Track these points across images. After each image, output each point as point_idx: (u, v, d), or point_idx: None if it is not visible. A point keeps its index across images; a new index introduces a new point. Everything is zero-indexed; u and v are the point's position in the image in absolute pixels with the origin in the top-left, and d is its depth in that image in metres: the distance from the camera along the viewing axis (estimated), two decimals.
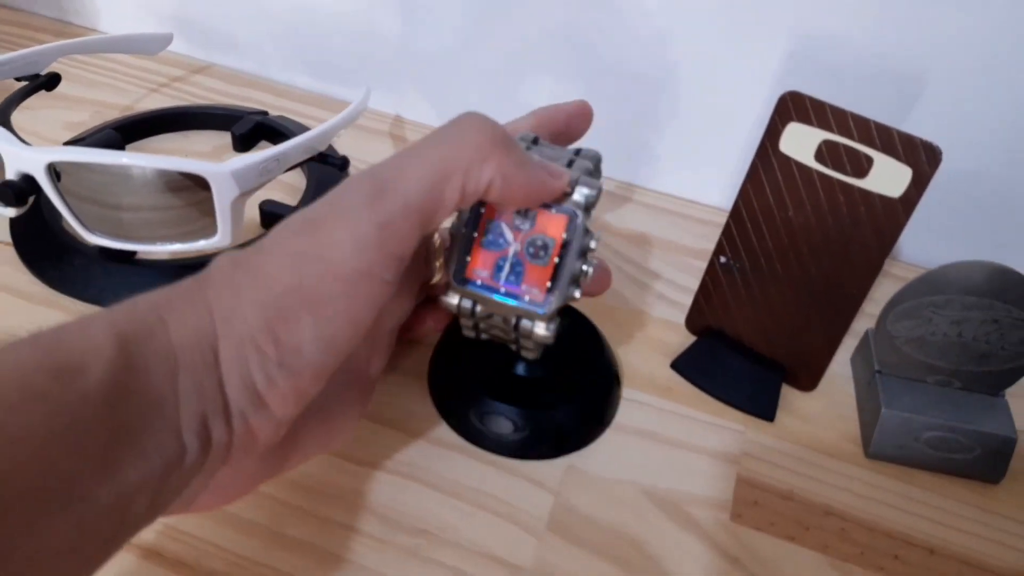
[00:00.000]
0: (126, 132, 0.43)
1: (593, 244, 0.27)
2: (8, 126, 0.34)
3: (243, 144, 0.44)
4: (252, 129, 0.44)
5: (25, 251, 0.37)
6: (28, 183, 0.31)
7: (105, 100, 0.47)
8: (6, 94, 0.38)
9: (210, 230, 0.32)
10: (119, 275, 0.35)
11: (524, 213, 0.27)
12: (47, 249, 0.36)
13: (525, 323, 0.27)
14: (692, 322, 0.37)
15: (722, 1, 0.39)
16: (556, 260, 0.27)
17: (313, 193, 0.41)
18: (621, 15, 0.41)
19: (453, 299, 0.28)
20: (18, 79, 0.39)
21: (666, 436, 0.33)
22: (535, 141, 0.29)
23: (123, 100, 0.47)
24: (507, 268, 0.27)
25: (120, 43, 0.44)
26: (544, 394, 0.32)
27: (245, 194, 0.32)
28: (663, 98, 0.43)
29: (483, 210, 0.27)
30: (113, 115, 0.46)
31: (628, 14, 0.41)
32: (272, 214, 0.39)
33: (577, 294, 0.27)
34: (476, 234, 0.27)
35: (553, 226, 0.27)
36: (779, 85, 0.39)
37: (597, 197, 0.27)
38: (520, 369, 0.32)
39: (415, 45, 0.47)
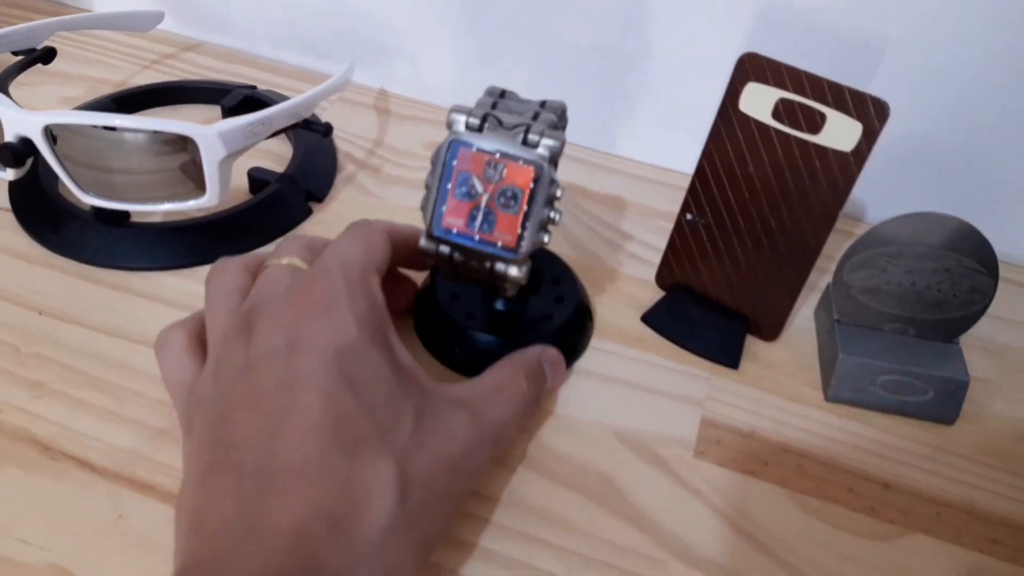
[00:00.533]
0: (120, 105, 0.44)
1: (559, 193, 0.29)
2: (7, 93, 0.35)
3: (232, 116, 0.46)
4: (241, 102, 0.45)
5: (23, 215, 0.38)
6: (26, 145, 0.32)
7: (98, 76, 0.49)
8: (1, 68, 0.39)
9: (199, 190, 0.34)
10: (113, 237, 0.37)
11: (494, 166, 0.29)
12: (44, 213, 0.38)
13: (499, 266, 0.30)
14: (661, 278, 0.39)
15: None
16: (525, 208, 0.29)
17: (300, 160, 0.42)
18: None
19: (431, 246, 0.30)
20: (14, 53, 0.40)
21: (636, 382, 0.34)
22: (502, 95, 0.31)
23: (116, 76, 0.49)
24: (480, 217, 0.29)
25: (113, 20, 0.46)
26: (523, 326, 0.34)
27: (232, 155, 0.34)
28: (634, 70, 0.45)
29: (455, 163, 0.29)
30: (107, 90, 0.47)
31: None
32: (259, 180, 0.41)
33: (546, 239, 0.30)
34: (450, 185, 0.29)
35: (521, 177, 0.29)
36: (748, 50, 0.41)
37: (561, 148, 0.29)
38: (499, 305, 0.34)
39: (397, 21, 0.48)
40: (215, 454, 0.22)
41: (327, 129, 0.40)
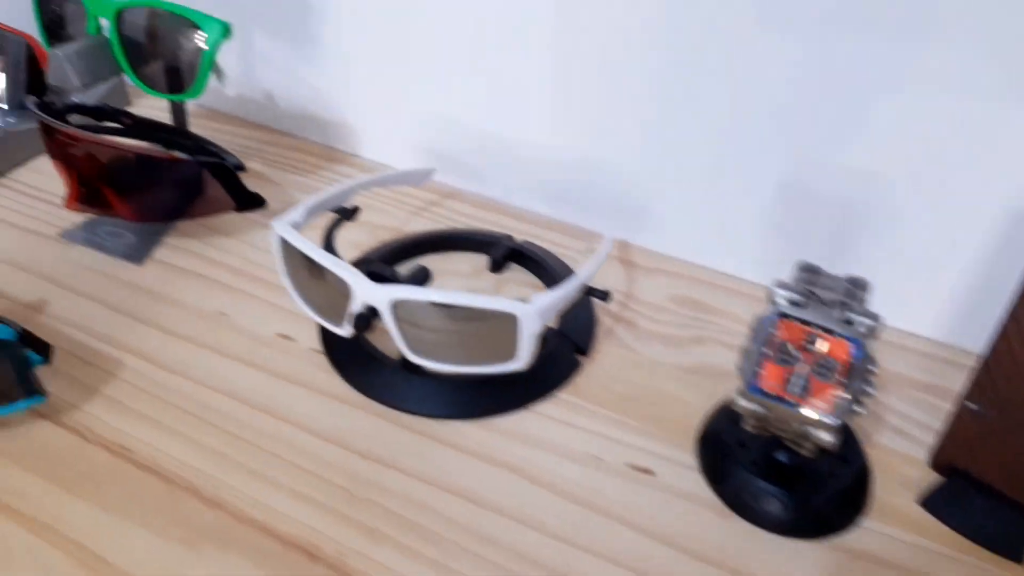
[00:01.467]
0: (401, 252, 0.50)
1: (875, 369, 0.32)
2: (335, 252, 0.41)
3: (496, 266, 0.50)
4: (506, 254, 0.50)
5: (336, 358, 0.43)
6: (372, 312, 0.37)
7: (376, 222, 0.55)
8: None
9: (510, 356, 0.38)
10: (417, 384, 0.42)
11: (813, 338, 0.33)
12: (356, 358, 0.43)
13: (811, 430, 0.33)
14: (936, 460, 0.39)
15: (965, 107, 0.41)
16: (842, 380, 0.32)
17: (568, 314, 0.46)
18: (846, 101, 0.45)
19: (746, 404, 0.34)
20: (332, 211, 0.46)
21: (914, 569, 0.35)
22: (814, 270, 0.34)
23: (391, 222, 0.55)
24: (796, 383, 0.33)
25: (401, 177, 0.52)
26: (806, 480, 0.37)
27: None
28: (871, 224, 0.47)
29: (776, 331, 0.33)
30: (384, 235, 0.53)
31: (855, 101, 0.45)
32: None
33: (861, 411, 0.33)
34: (769, 351, 0.33)
35: (839, 350, 0.32)
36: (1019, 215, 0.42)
37: (877, 327, 0.32)
38: (782, 456, 0.37)
39: (641, 175, 0.52)
40: None
41: (606, 295, 0.43)
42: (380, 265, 0.42)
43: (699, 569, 0.35)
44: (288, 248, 0.40)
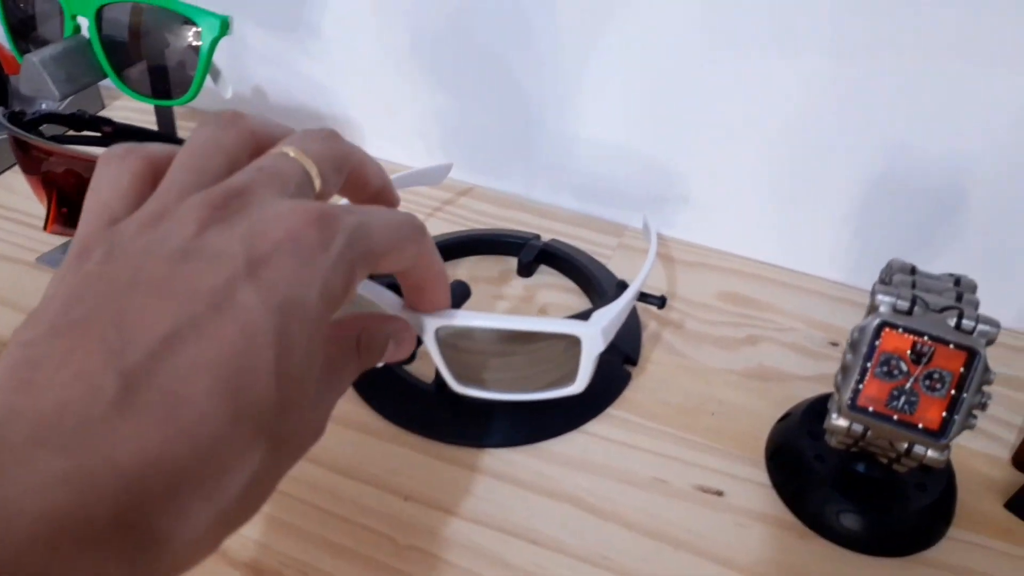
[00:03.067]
0: None
1: (992, 378, 0.29)
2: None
3: (526, 270, 0.46)
4: (537, 255, 0.46)
5: (364, 389, 0.39)
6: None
7: None
8: None
9: (569, 379, 0.34)
10: (458, 411, 0.38)
11: (922, 348, 0.29)
12: (388, 387, 0.39)
13: (918, 448, 0.30)
14: (1019, 460, 0.36)
15: None
16: (954, 393, 0.29)
17: None
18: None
19: (844, 423, 0.31)
20: None
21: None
22: (913, 270, 0.31)
23: None
24: (902, 398, 0.29)
25: (417, 177, 0.48)
26: (889, 493, 0.34)
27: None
28: (943, 210, 0.43)
29: (879, 343, 0.29)
30: None
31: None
32: None
33: (975, 424, 0.30)
34: (871, 364, 0.30)
35: (952, 361, 0.29)
36: None
37: (996, 335, 0.29)
38: (861, 467, 0.34)
39: (673, 164, 0.48)
40: (93, 314, 0.17)
41: (662, 301, 0.39)
42: None
43: None
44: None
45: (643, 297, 0.39)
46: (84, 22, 0.42)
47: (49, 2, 0.44)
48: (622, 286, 0.40)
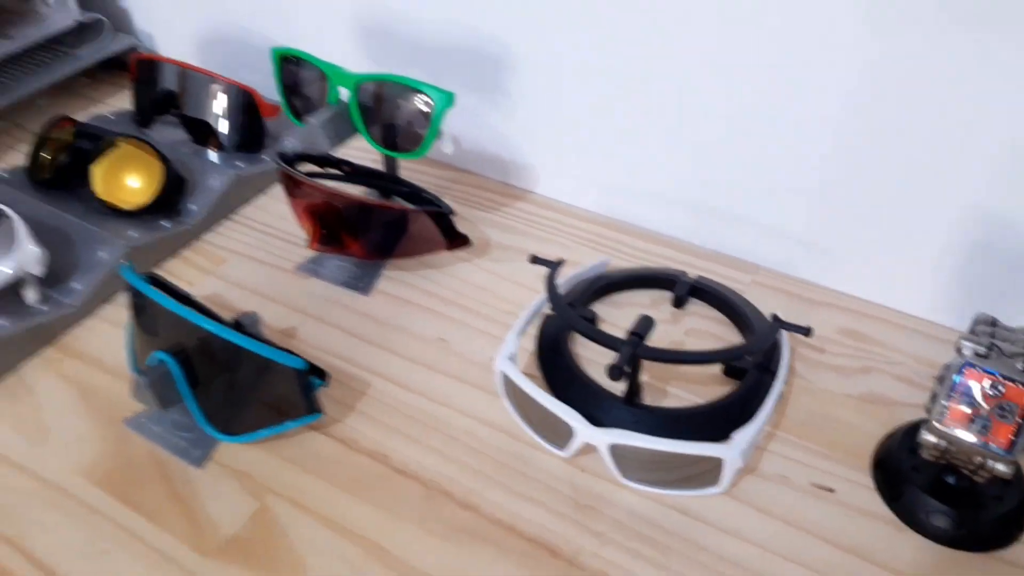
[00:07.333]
0: (594, 293, 0.57)
1: None
2: (558, 298, 0.48)
3: (680, 302, 0.57)
4: (688, 291, 0.56)
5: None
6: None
7: (549, 251, 0.62)
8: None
9: (712, 484, 0.44)
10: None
11: (996, 385, 0.38)
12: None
13: (990, 462, 0.39)
14: None
15: None
16: (1020, 420, 0.38)
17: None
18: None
19: (933, 439, 0.40)
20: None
21: None
22: (993, 323, 0.39)
23: (561, 252, 0.62)
24: (978, 423, 0.38)
25: (583, 273, 0.59)
26: (973, 502, 0.42)
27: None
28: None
29: (961, 379, 0.38)
30: (566, 269, 0.59)
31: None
32: (737, 369, 0.51)
33: None
34: (953, 395, 0.39)
35: (1019, 395, 0.38)
36: None
37: None
38: (951, 479, 0.43)
39: (800, 210, 0.57)
40: None
41: (808, 331, 0.48)
42: (600, 332, 0.46)
43: None
44: (510, 381, 0.47)
45: (790, 327, 0.48)
46: (345, 93, 0.55)
47: (315, 73, 0.58)
48: (778, 321, 0.49)
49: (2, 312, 0.53)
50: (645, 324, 0.45)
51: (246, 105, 0.66)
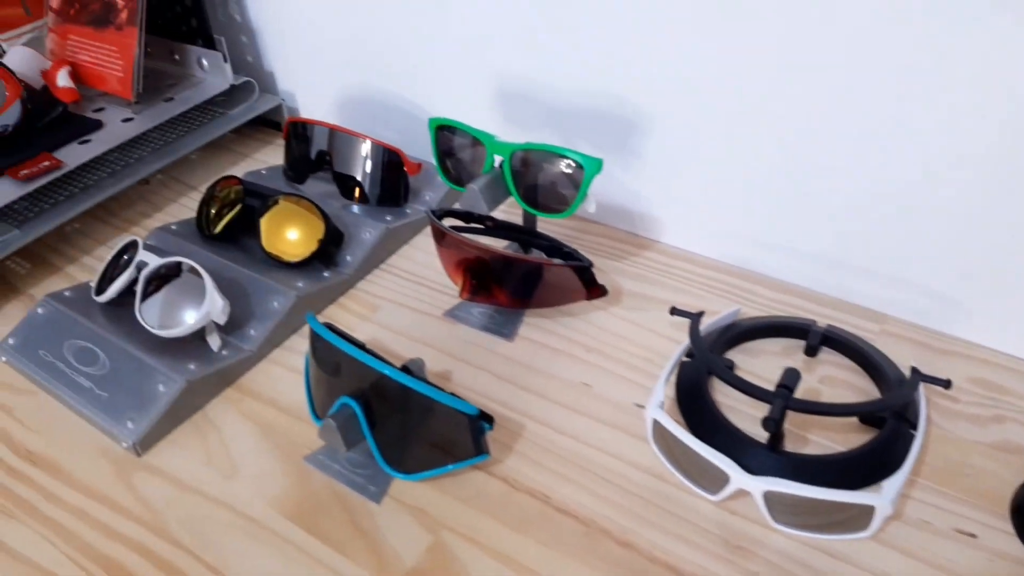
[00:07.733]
0: (726, 343, 0.60)
1: None
2: (701, 345, 0.51)
3: (812, 351, 0.59)
4: (820, 339, 0.59)
5: (695, 432, 0.54)
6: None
7: (679, 300, 0.65)
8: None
9: (862, 529, 0.46)
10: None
11: None
12: (714, 436, 0.53)
13: None
14: None
15: None
16: None
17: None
18: None
19: None
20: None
21: None
22: None
23: (691, 300, 0.65)
24: None
25: (716, 322, 0.62)
26: None
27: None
28: None
29: None
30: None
31: None
32: (875, 416, 0.54)
33: None
34: None
35: None
36: None
37: None
38: None
39: (941, 262, 0.59)
40: None
41: (947, 384, 0.51)
42: (742, 381, 0.50)
43: None
44: (661, 428, 0.51)
45: (929, 379, 0.51)
46: (499, 160, 0.60)
47: (469, 141, 0.63)
48: (917, 374, 0.51)
49: (192, 357, 0.59)
50: (792, 377, 0.48)
51: (393, 164, 0.72)
